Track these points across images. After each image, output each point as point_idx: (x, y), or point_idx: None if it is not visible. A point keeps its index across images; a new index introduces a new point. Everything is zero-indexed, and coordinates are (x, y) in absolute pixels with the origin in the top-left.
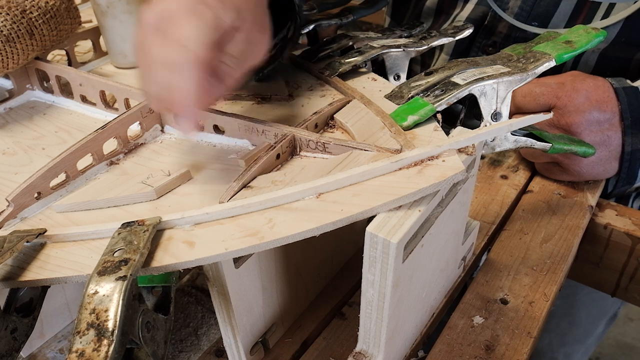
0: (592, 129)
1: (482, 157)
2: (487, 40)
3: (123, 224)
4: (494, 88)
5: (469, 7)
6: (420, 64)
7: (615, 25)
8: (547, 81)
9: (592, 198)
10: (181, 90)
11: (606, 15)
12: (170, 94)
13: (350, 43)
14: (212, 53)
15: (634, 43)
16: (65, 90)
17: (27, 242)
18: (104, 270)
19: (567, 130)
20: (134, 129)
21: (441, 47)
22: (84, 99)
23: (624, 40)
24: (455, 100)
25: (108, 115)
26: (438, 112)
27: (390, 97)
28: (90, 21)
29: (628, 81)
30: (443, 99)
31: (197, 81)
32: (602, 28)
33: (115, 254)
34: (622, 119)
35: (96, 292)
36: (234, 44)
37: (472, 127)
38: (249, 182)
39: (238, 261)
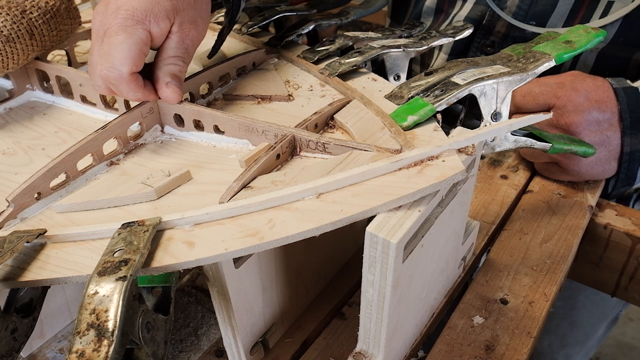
0: (592, 129)
1: (482, 157)
2: (486, 40)
3: (123, 224)
4: (493, 88)
5: (468, 6)
6: (420, 64)
7: (614, 25)
8: (547, 81)
9: (592, 198)
10: (120, 92)
11: (604, 14)
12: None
13: (350, 43)
14: (139, 66)
15: (632, 43)
16: (65, 90)
17: (27, 242)
18: (104, 270)
19: (567, 130)
20: (134, 129)
21: (440, 46)
22: (84, 99)
23: (622, 40)
24: (455, 100)
25: (108, 116)
26: (438, 112)
27: (390, 97)
28: (90, 21)
29: (628, 81)
30: (443, 99)
31: (127, 88)
32: (600, 27)
33: (115, 255)
34: (622, 120)
35: (96, 293)
36: (171, 46)
37: (472, 127)
38: (249, 182)
39: (238, 261)
